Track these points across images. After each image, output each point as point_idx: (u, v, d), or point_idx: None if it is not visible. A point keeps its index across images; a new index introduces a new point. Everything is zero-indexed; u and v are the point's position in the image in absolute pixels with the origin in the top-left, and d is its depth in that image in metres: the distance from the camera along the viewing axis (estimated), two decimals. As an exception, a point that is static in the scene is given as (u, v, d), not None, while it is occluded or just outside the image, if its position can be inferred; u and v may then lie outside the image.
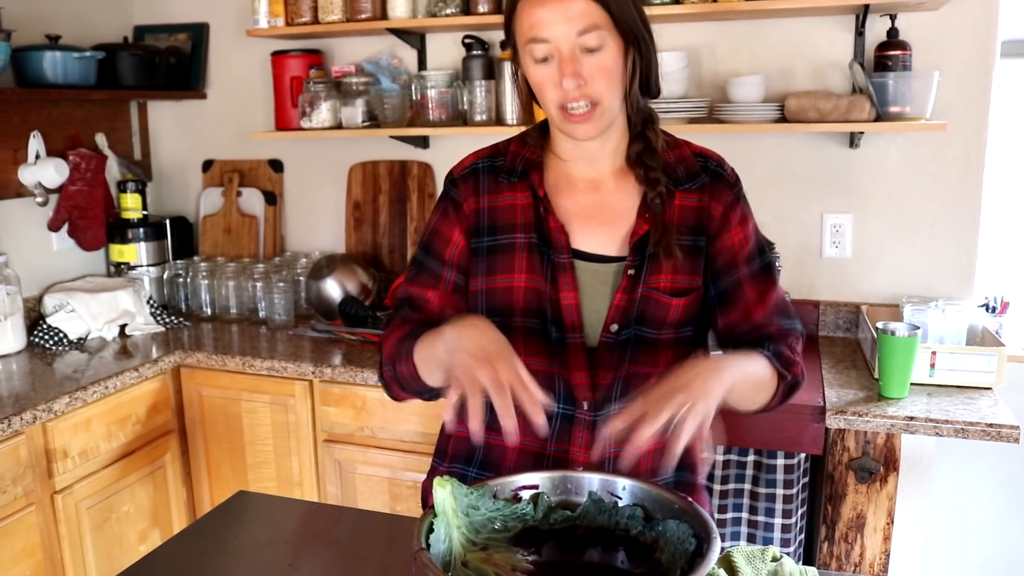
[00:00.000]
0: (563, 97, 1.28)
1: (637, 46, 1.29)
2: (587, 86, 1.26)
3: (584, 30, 1.24)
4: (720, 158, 1.43)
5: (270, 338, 2.75)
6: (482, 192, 1.41)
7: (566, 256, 1.35)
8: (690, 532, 1.04)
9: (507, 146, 1.45)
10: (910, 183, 2.54)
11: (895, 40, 2.41)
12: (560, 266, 1.35)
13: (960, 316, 2.34)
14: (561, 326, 1.35)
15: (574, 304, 1.35)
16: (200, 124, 3.33)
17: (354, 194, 3.12)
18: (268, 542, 1.44)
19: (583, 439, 1.37)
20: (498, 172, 1.42)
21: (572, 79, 1.25)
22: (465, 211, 1.42)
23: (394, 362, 1.38)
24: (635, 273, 1.34)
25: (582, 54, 1.25)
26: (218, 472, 2.68)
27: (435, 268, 1.44)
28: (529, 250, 1.37)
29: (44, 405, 2.17)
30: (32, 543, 2.17)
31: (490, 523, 1.10)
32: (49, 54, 2.68)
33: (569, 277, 1.35)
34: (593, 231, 1.37)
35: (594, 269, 1.36)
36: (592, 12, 1.23)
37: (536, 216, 1.38)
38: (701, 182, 1.38)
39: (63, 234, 2.95)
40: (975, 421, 1.96)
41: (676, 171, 1.38)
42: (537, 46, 1.26)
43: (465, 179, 1.43)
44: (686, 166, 1.39)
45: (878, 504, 2.09)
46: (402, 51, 2.94)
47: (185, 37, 3.26)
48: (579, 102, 1.27)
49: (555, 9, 1.23)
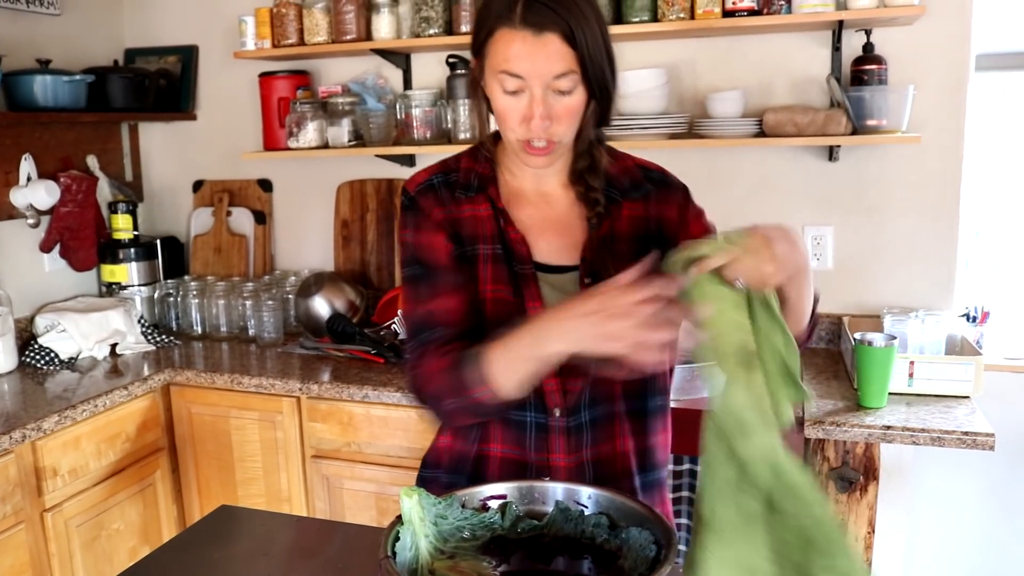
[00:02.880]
0: (527, 133, 1.30)
1: (602, 88, 1.31)
2: (552, 127, 1.29)
3: (561, 74, 1.25)
4: (662, 168, 1.47)
5: (259, 356, 2.78)
6: (444, 203, 1.41)
7: (528, 266, 1.38)
8: (651, 539, 1.06)
9: (457, 162, 1.46)
10: (889, 195, 2.58)
11: (871, 55, 2.45)
12: (523, 276, 1.37)
13: (940, 326, 2.37)
14: None
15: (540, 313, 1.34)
16: (190, 145, 3.37)
17: (342, 212, 3.15)
18: (249, 555, 1.46)
19: (560, 445, 1.39)
20: (454, 187, 1.42)
21: (543, 121, 1.27)
22: (435, 219, 1.40)
23: (458, 392, 1.30)
24: (592, 282, 1.34)
25: (552, 95, 1.27)
26: (208, 489, 2.70)
27: (443, 275, 1.39)
28: (495, 260, 1.39)
29: (34, 424, 2.20)
30: (21, 561, 2.19)
31: (458, 532, 1.12)
32: (40, 78, 2.72)
33: (533, 287, 1.37)
34: (549, 241, 1.40)
35: (554, 279, 1.39)
36: (569, 58, 1.25)
37: (497, 227, 1.40)
38: (645, 191, 1.42)
39: (55, 255, 2.99)
40: (951, 429, 1.98)
41: (621, 182, 1.42)
42: (510, 79, 1.27)
43: (424, 193, 1.42)
44: (630, 176, 1.43)
45: (858, 513, 2.11)
46: (387, 71, 2.99)
47: (175, 59, 3.30)
48: (541, 140, 1.30)
49: (536, 49, 1.24)
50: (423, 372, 1.35)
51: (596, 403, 1.38)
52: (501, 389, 1.26)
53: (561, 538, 1.15)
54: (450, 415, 1.36)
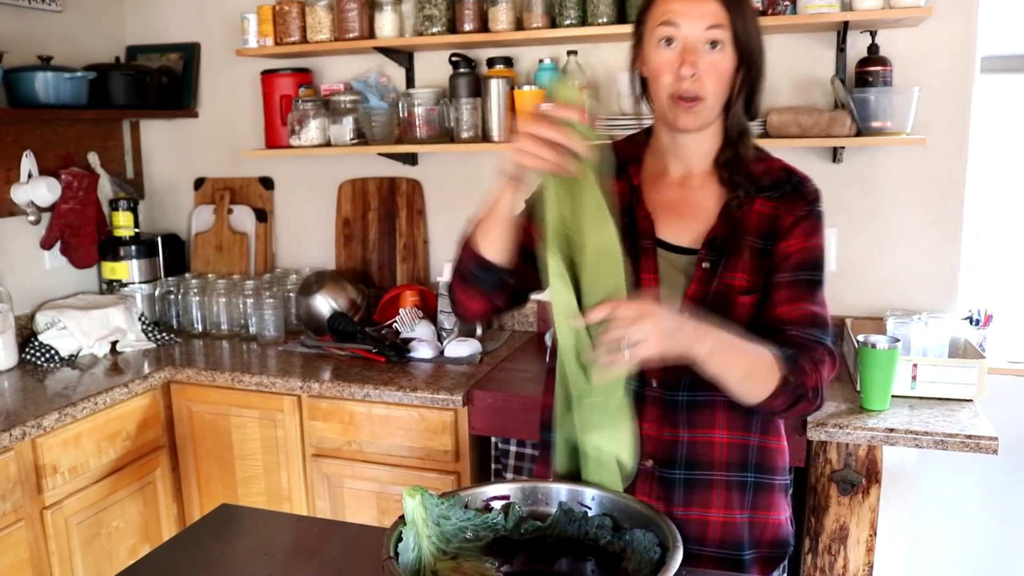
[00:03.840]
0: (676, 84, 1.37)
1: (748, 64, 1.39)
2: (699, 80, 1.36)
3: (712, 26, 1.35)
4: (805, 176, 1.50)
5: (260, 354, 2.77)
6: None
7: (650, 242, 1.46)
8: (655, 541, 1.06)
9: (616, 143, 1.57)
10: (893, 197, 2.57)
11: (876, 56, 2.44)
12: (643, 250, 1.45)
13: (943, 329, 2.36)
14: None
15: (653, 286, 1.44)
16: (192, 142, 3.36)
17: (344, 211, 3.14)
18: (249, 554, 1.46)
19: (654, 415, 1.42)
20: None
21: (690, 67, 1.35)
22: None
23: (458, 265, 1.48)
24: (710, 267, 1.43)
25: (704, 49, 1.36)
26: (208, 487, 2.69)
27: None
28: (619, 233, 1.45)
29: (34, 421, 2.19)
30: (21, 559, 2.18)
31: (461, 532, 1.12)
32: (41, 75, 2.71)
33: (650, 261, 1.45)
34: (675, 223, 1.47)
35: (673, 258, 1.46)
36: (722, 16, 1.35)
37: (629, 204, 1.49)
38: (782, 191, 1.46)
39: (55, 252, 2.98)
40: (954, 433, 1.97)
41: (761, 180, 1.46)
42: (667, 28, 1.37)
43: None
44: (772, 177, 1.47)
45: (860, 516, 2.10)
46: (390, 69, 2.98)
47: (177, 57, 3.30)
48: (688, 93, 1.37)
49: (692, 3, 1.35)
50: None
51: (697, 386, 1.41)
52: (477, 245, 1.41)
53: (564, 539, 1.15)
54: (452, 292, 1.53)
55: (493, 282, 1.43)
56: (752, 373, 1.33)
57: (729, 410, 1.42)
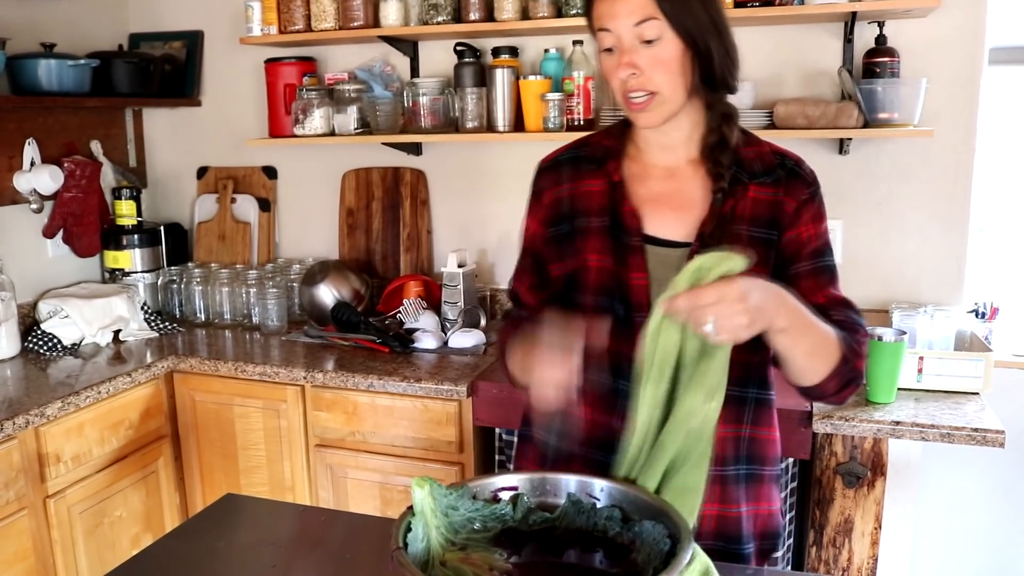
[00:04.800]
0: (622, 86, 1.34)
1: (694, 42, 1.31)
2: (643, 76, 1.31)
3: (641, 20, 1.29)
4: (798, 158, 1.44)
5: (263, 344, 2.76)
6: (563, 181, 1.48)
7: (638, 239, 1.39)
8: (665, 533, 1.05)
9: (593, 137, 1.54)
10: (899, 189, 2.56)
11: (883, 47, 2.43)
12: (631, 248, 1.39)
13: (949, 322, 2.35)
14: (629, 305, 1.38)
15: (643, 285, 1.38)
16: (195, 131, 3.35)
17: (347, 200, 3.13)
18: (254, 544, 1.45)
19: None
20: (580, 161, 1.49)
21: (626, 68, 1.31)
22: (544, 201, 1.50)
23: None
24: None
25: (640, 45, 1.30)
26: (211, 477, 2.69)
27: (526, 259, 1.55)
28: (602, 233, 1.42)
29: (37, 410, 2.18)
30: (24, 547, 2.18)
31: (469, 523, 1.11)
32: (44, 62, 2.70)
33: (639, 258, 1.39)
34: (664, 216, 1.41)
35: (664, 253, 1.39)
36: (649, 6, 1.29)
37: (611, 201, 1.43)
38: (776, 176, 1.40)
39: (58, 240, 2.97)
40: (961, 426, 1.97)
41: (753, 165, 1.40)
42: (603, 35, 1.34)
43: (548, 170, 1.52)
44: (763, 161, 1.41)
45: (866, 509, 2.10)
46: (395, 58, 2.96)
47: (180, 45, 3.28)
48: (637, 92, 1.33)
49: (618, 2, 1.30)
50: (501, 335, 1.55)
51: None
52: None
53: (573, 531, 1.14)
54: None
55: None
56: (818, 350, 1.28)
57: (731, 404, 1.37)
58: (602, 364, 1.38)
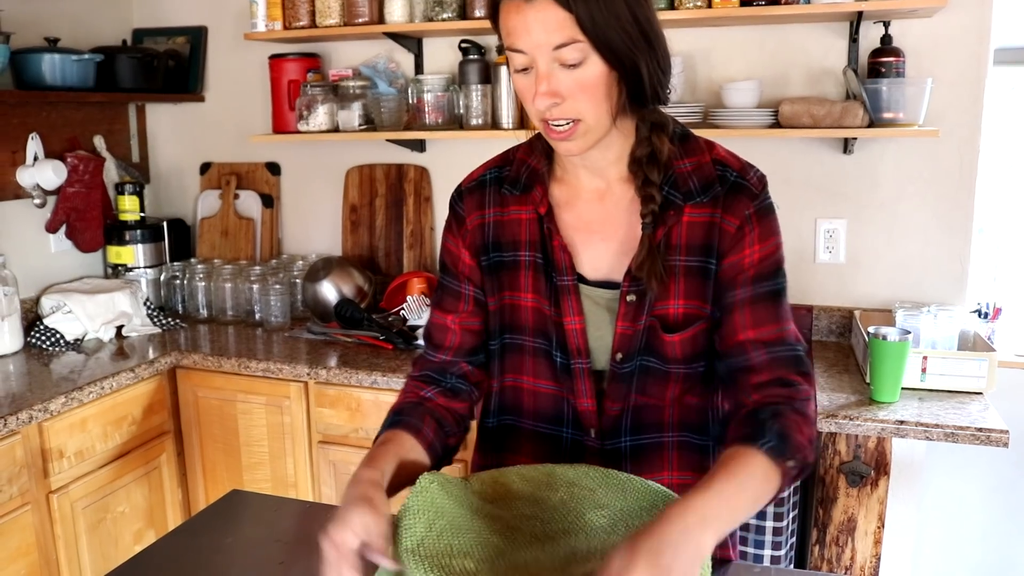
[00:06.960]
0: (540, 114, 1.17)
1: (620, 63, 1.13)
2: (565, 103, 1.14)
3: (561, 44, 1.10)
4: (744, 166, 1.26)
5: (266, 340, 2.76)
6: (488, 206, 1.34)
7: (570, 278, 1.26)
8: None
9: (515, 152, 1.37)
10: (904, 189, 2.56)
11: (889, 47, 2.43)
12: (564, 289, 1.27)
13: (952, 321, 2.35)
14: (566, 351, 1.28)
15: (579, 329, 1.27)
16: (198, 127, 3.34)
17: (351, 197, 3.13)
18: (260, 541, 1.45)
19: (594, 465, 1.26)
20: (503, 183, 1.34)
21: (546, 98, 1.13)
22: (468, 226, 1.35)
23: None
24: (637, 300, 1.24)
25: (561, 69, 1.12)
26: (213, 473, 2.69)
27: (454, 286, 1.38)
28: (535, 269, 1.30)
29: (40, 405, 2.18)
30: (27, 543, 2.18)
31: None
32: (48, 56, 2.69)
33: (573, 301, 1.27)
34: (596, 248, 1.28)
35: (598, 294, 1.27)
36: (568, 25, 1.09)
37: (540, 233, 1.29)
38: (714, 194, 1.23)
39: (61, 236, 2.97)
40: (965, 425, 1.97)
41: (688, 182, 1.23)
42: (515, 56, 1.14)
43: (471, 192, 1.36)
44: (701, 175, 1.24)
45: (868, 508, 2.10)
46: (399, 55, 2.96)
47: (184, 40, 3.28)
48: (558, 120, 1.16)
49: (531, 19, 1.09)
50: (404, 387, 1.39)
51: (640, 429, 1.29)
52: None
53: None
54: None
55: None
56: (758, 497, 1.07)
57: (679, 450, 1.30)
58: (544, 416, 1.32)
